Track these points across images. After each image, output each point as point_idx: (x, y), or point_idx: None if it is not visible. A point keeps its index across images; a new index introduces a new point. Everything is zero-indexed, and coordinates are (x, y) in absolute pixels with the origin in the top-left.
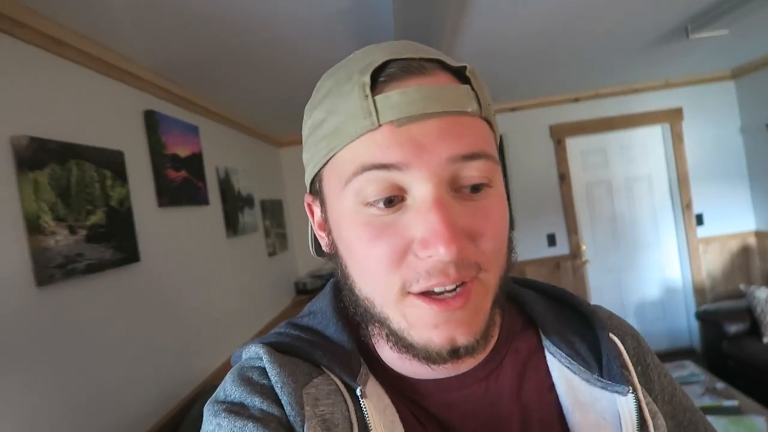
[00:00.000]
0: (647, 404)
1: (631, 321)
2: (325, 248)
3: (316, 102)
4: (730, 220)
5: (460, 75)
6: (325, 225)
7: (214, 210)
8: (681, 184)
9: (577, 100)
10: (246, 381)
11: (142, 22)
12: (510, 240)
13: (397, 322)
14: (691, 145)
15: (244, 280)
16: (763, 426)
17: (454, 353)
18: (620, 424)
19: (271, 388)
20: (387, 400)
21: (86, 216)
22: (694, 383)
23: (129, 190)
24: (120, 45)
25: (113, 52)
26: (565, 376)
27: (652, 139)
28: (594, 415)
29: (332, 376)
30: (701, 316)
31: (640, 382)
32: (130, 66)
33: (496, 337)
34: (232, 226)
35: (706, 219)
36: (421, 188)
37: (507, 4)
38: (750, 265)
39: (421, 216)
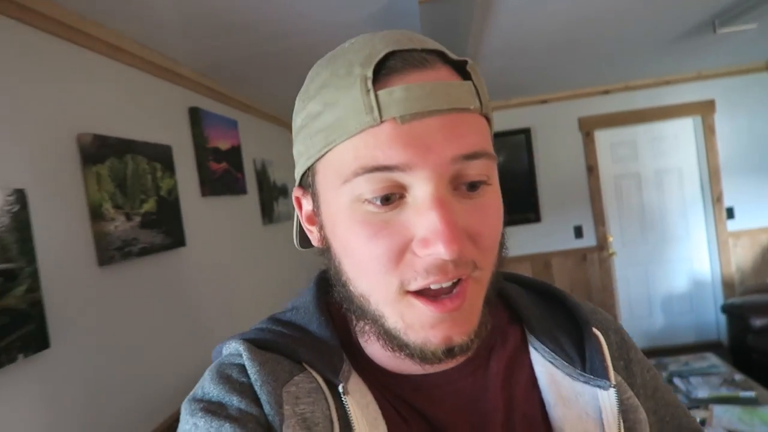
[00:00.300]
0: (628, 398)
1: (658, 314)
2: (315, 242)
3: (312, 93)
4: (761, 214)
5: (461, 69)
6: (316, 219)
7: (251, 199)
8: (712, 177)
9: (607, 92)
10: (225, 379)
11: (189, 28)
12: (503, 236)
13: (393, 321)
14: (723, 138)
15: (278, 266)
16: None
17: (450, 352)
18: (601, 418)
19: (251, 386)
20: (370, 397)
21: (140, 204)
22: (713, 374)
23: (176, 180)
24: (169, 49)
25: (163, 56)
26: (548, 371)
27: (683, 132)
28: (576, 409)
29: (314, 373)
30: (727, 310)
31: (622, 376)
32: (177, 67)
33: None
34: (267, 214)
35: (737, 212)
36: (422, 187)
37: (532, 2)
38: None
39: (422, 215)
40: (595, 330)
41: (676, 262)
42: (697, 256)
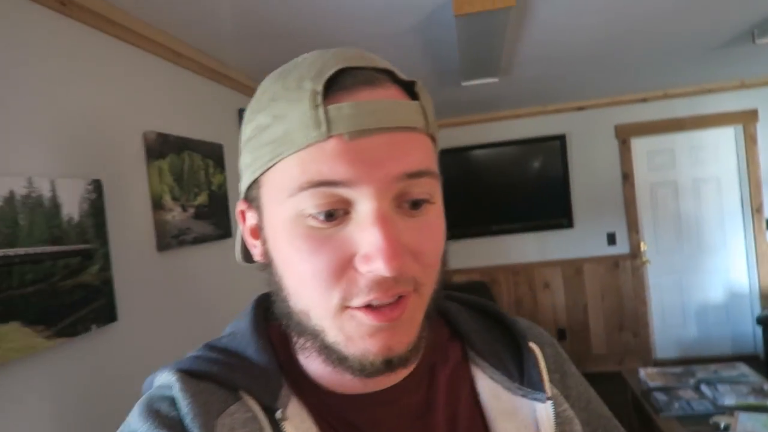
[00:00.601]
0: (564, 410)
1: (692, 324)
2: (257, 257)
3: (262, 105)
4: None
5: (409, 89)
6: (259, 233)
7: None
8: (752, 187)
9: (645, 100)
10: (153, 414)
11: (241, 36)
12: (445, 253)
13: (333, 335)
14: (765, 148)
15: None
16: None
17: (388, 364)
18: (539, 430)
19: (181, 421)
20: (309, 422)
21: (194, 197)
22: (741, 383)
23: (226, 177)
24: (223, 54)
25: (217, 61)
26: (489, 386)
27: (724, 141)
28: (516, 422)
29: (250, 401)
30: (762, 321)
31: (558, 389)
32: (229, 71)
33: (423, 349)
34: None
35: None
36: (366, 203)
37: (565, 17)
38: None
39: (365, 231)
40: (531, 344)
41: (712, 272)
42: (734, 266)
